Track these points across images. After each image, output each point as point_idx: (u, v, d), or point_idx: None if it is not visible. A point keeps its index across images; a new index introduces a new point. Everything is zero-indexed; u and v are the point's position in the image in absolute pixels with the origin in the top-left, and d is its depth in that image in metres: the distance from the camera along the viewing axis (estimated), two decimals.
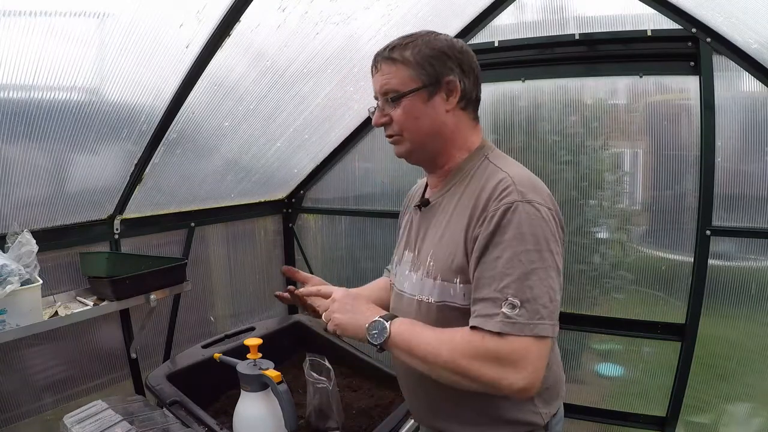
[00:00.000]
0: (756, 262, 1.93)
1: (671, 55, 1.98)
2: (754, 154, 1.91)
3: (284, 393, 1.26)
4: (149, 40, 1.41)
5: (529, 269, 0.89)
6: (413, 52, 1.03)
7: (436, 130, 1.07)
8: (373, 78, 1.10)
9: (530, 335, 0.87)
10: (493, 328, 0.88)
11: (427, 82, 1.03)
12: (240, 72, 1.78)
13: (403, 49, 1.04)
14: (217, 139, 2.03)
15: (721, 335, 2.04)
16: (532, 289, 0.89)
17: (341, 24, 1.80)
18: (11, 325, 1.45)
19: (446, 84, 1.04)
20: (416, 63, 1.03)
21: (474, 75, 1.08)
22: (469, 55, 1.08)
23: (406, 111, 1.05)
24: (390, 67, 1.05)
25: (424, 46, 1.04)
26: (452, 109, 1.06)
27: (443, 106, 1.05)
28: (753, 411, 2.01)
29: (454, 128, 1.08)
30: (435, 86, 1.04)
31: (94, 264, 1.79)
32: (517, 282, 0.89)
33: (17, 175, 1.52)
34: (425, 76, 1.03)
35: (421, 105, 1.05)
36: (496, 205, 0.94)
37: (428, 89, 1.04)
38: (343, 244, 2.78)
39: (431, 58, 1.03)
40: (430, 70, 1.03)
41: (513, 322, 0.88)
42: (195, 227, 2.30)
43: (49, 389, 1.77)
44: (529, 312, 0.88)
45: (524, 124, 2.26)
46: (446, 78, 1.04)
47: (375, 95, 1.11)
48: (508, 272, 0.90)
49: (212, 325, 2.45)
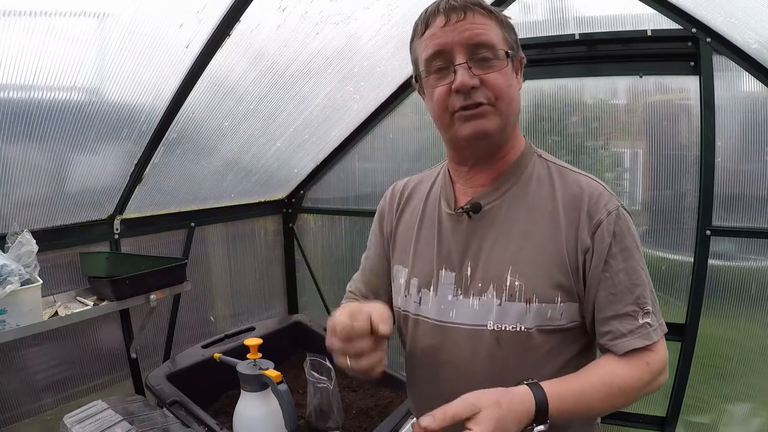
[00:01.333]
0: (756, 262, 1.93)
1: (671, 55, 1.98)
2: (754, 154, 1.91)
3: (284, 393, 1.26)
4: (149, 40, 1.41)
5: (647, 275, 0.88)
6: (500, 18, 0.88)
7: (518, 107, 0.91)
8: (445, 27, 0.84)
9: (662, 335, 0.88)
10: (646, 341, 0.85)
11: (514, 51, 0.88)
12: (240, 72, 1.78)
13: (493, 9, 0.88)
14: (217, 139, 2.03)
15: (721, 335, 2.04)
16: (653, 293, 0.89)
17: (341, 24, 1.79)
18: (11, 325, 1.45)
19: (520, 62, 0.91)
20: (507, 26, 0.88)
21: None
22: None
23: (504, 75, 0.85)
24: (485, 18, 0.85)
25: (507, 20, 0.90)
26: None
27: (518, 83, 0.91)
28: (753, 411, 2.00)
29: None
30: (516, 58, 0.89)
31: (94, 264, 1.79)
32: (645, 290, 0.87)
33: (17, 175, 1.52)
34: (513, 44, 0.88)
35: (512, 73, 0.88)
36: (603, 212, 0.87)
37: (513, 58, 0.88)
38: (343, 244, 2.77)
39: (512, 32, 0.89)
40: (515, 38, 0.89)
41: (655, 329, 0.87)
42: (195, 227, 2.30)
43: (49, 389, 1.77)
44: (656, 315, 0.88)
45: (524, 124, 2.26)
46: (521, 55, 0.91)
47: (443, 51, 0.85)
48: (637, 282, 0.86)
49: (212, 325, 2.45)
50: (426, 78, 0.89)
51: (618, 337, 0.86)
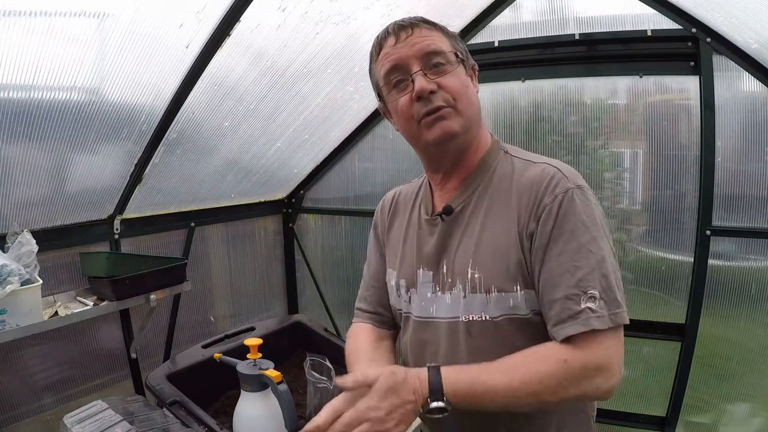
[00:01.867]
0: (756, 262, 1.93)
1: (671, 55, 1.98)
2: (754, 154, 1.91)
3: (284, 393, 1.25)
4: (149, 40, 1.41)
5: (598, 258, 0.83)
6: (444, 30, 0.96)
7: (479, 110, 0.97)
8: (396, 45, 0.92)
9: (613, 326, 0.81)
10: (582, 327, 0.80)
11: (463, 57, 0.95)
12: (240, 72, 1.78)
13: (435, 23, 0.96)
14: (217, 139, 2.03)
15: (721, 335, 2.04)
16: (607, 278, 0.83)
17: (341, 24, 1.79)
18: (11, 325, 1.45)
19: (472, 68, 0.98)
20: (453, 36, 0.96)
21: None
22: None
23: (458, 77, 0.92)
24: (431, 30, 0.93)
25: (446, 29, 0.97)
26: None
27: (474, 87, 0.97)
28: (753, 411, 2.00)
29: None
30: (466, 64, 0.96)
31: (94, 264, 1.79)
32: (592, 273, 0.82)
33: (17, 175, 1.52)
34: (461, 52, 0.95)
35: (467, 77, 0.95)
36: (551, 196, 0.86)
37: (464, 65, 0.95)
38: (343, 244, 2.77)
39: (458, 41, 0.97)
40: (462, 46, 0.96)
41: (598, 316, 0.80)
42: (195, 227, 2.30)
43: (49, 389, 1.77)
44: (608, 302, 0.82)
45: (524, 124, 2.26)
46: (471, 61, 0.98)
47: (399, 65, 0.92)
48: (580, 264, 0.83)
49: (212, 325, 2.45)
50: (388, 95, 0.96)
51: (556, 324, 0.83)
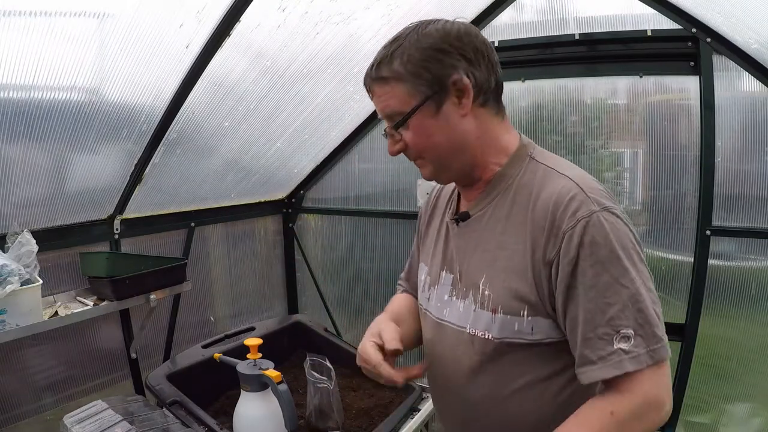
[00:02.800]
0: (756, 262, 1.93)
1: (671, 55, 1.98)
2: (754, 154, 1.91)
3: (284, 393, 1.26)
4: (149, 40, 1.41)
5: (634, 291, 0.76)
6: (402, 61, 0.85)
7: (459, 142, 0.89)
8: (372, 99, 0.92)
9: (653, 364, 0.76)
10: (615, 371, 0.76)
11: (429, 92, 0.85)
12: (240, 72, 1.78)
13: (390, 61, 0.86)
14: (217, 139, 2.03)
15: (721, 335, 2.04)
16: (643, 312, 0.76)
17: (341, 24, 1.79)
18: (11, 325, 1.45)
19: (452, 86, 0.85)
20: (410, 74, 0.85)
21: (486, 59, 0.87)
22: (471, 37, 0.87)
23: (416, 132, 0.88)
24: (383, 87, 0.88)
25: (413, 50, 0.85)
26: (469, 112, 0.87)
27: (457, 113, 0.87)
28: (753, 411, 2.00)
29: (481, 133, 0.90)
30: (441, 93, 0.85)
31: (94, 264, 1.79)
32: (624, 310, 0.76)
33: (17, 175, 1.52)
34: (425, 86, 0.85)
35: (431, 120, 0.87)
36: (571, 221, 0.79)
37: (434, 99, 0.85)
38: (343, 244, 2.77)
39: (425, 62, 0.84)
40: (428, 76, 0.85)
41: (633, 356, 0.75)
42: (195, 227, 2.30)
43: (49, 389, 1.77)
44: (645, 338, 0.76)
45: (524, 124, 2.26)
46: (451, 79, 0.85)
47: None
48: (611, 301, 0.76)
49: (212, 325, 2.45)
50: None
51: (585, 364, 0.79)
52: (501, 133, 0.93)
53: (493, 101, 0.91)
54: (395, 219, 2.60)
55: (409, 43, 0.86)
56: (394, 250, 2.62)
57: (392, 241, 2.62)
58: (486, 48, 0.88)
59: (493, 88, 0.90)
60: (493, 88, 0.90)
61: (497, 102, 0.93)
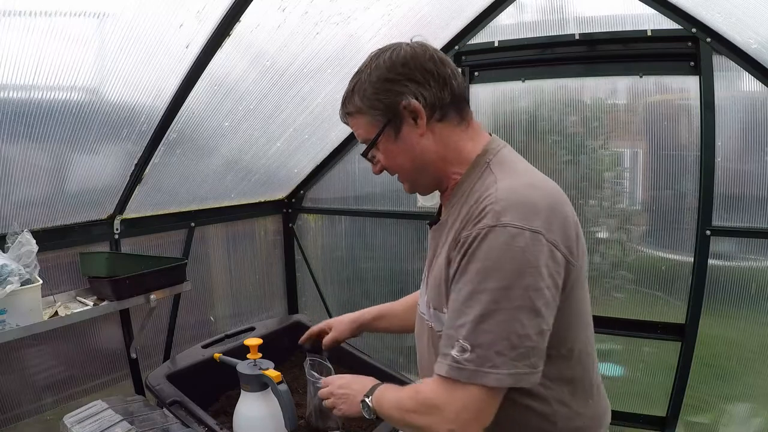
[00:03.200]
0: (756, 262, 1.93)
1: (671, 55, 1.98)
2: (754, 154, 1.91)
3: (284, 393, 1.25)
4: (149, 40, 1.41)
5: (488, 310, 0.79)
6: (360, 95, 0.96)
7: (419, 160, 0.96)
8: None
9: (478, 384, 0.79)
10: (440, 371, 0.83)
11: (385, 119, 0.94)
12: (240, 72, 1.78)
13: (352, 97, 0.97)
14: (217, 139, 2.03)
15: (721, 335, 2.04)
16: (486, 334, 0.78)
17: (341, 24, 1.79)
18: (11, 325, 1.45)
19: (404, 110, 0.92)
20: (368, 107, 0.95)
21: (435, 76, 0.92)
22: (418, 59, 0.92)
23: (385, 155, 0.99)
24: (352, 120, 1.01)
25: (367, 84, 0.94)
26: (427, 130, 0.94)
27: (415, 133, 0.94)
28: (753, 411, 2.00)
29: (440, 148, 0.96)
30: (396, 119, 0.93)
31: (94, 264, 1.79)
32: (471, 323, 0.80)
33: (17, 175, 1.52)
34: (381, 115, 0.94)
35: (393, 144, 0.96)
36: (470, 229, 0.83)
37: (391, 126, 0.94)
38: (343, 244, 2.78)
39: (378, 93, 0.93)
40: (382, 106, 0.93)
41: (459, 368, 0.80)
42: (195, 227, 2.30)
43: (49, 389, 1.77)
44: (479, 358, 0.79)
45: (524, 124, 2.26)
46: (401, 104, 0.92)
47: None
48: (466, 311, 0.81)
49: (212, 325, 2.45)
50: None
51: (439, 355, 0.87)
52: (464, 143, 0.97)
53: (453, 113, 0.95)
54: (395, 219, 2.60)
55: (365, 77, 0.95)
56: (394, 250, 2.63)
57: (392, 241, 2.63)
58: (435, 65, 0.93)
59: (450, 101, 0.94)
60: (450, 101, 0.94)
61: (459, 112, 0.96)
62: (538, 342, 0.80)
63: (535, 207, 0.82)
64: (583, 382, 0.94)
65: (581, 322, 0.93)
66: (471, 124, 0.99)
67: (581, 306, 0.92)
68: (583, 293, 0.93)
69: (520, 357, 0.78)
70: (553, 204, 0.84)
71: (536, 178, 0.92)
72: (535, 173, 0.94)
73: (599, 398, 0.99)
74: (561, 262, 0.82)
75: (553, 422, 0.90)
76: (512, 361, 0.78)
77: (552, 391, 0.89)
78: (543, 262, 0.79)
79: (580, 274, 0.89)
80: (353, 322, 1.45)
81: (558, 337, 0.86)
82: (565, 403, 0.91)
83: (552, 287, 0.81)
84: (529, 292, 0.78)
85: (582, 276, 0.91)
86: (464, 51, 2.27)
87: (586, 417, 0.94)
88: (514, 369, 0.78)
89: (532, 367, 0.80)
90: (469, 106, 1.00)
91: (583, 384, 0.94)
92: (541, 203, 0.83)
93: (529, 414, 0.90)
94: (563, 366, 0.90)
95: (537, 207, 0.82)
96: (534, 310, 0.79)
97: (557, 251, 0.81)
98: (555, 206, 0.84)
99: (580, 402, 0.93)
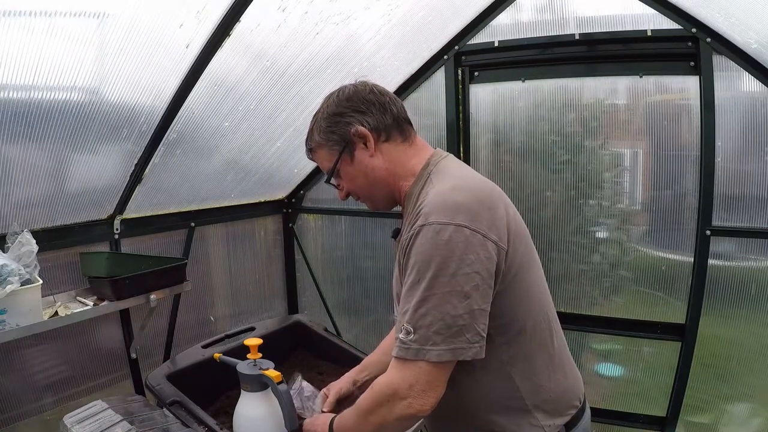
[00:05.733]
0: (756, 262, 1.93)
1: (671, 55, 1.98)
2: (754, 154, 1.91)
3: (284, 393, 1.26)
4: (149, 40, 1.41)
5: (424, 297, 0.92)
6: (318, 132, 1.15)
7: (372, 178, 1.13)
8: None
9: (423, 360, 0.92)
10: (393, 353, 0.96)
11: (340, 147, 1.12)
12: (240, 72, 1.78)
13: (312, 135, 1.17)
14: (217, 139, 2.03)
15: (721, 335, 2.04)
16: (425, 317, 0.92)
17: (341, 24, 1.80)
18: (11, 325, 1.45)
19: (353, 137, 1.10)
20: (325, 139, 1.14)
21: (376, 105, 1.11)
22: (360, 93, 1.12)
23: (346, 179, 1.16)
24: (315, 155, 1.19)
25: (323, 120, 1.13)
26: (376, 151, 1.11)
27: (366, 155, 1.11)
28: (753, 411, 2.00)
29: (389, 164, 1.12)
30: (348, 145, 1.11)
31: (94, 264, 1.79)
32: (412, 309, 0.93)
33: (17, 175, 1.52)
34: (336, 145, 1.12)
35: (350, 166, 1.13)
36: (408, 231, 0.98)
37: (346, 151, 1.12)
38: (343, 244, 2.77)
39: (331, 126, 1.12)
40: (336, 137, 1.12)
41: (407, 348, 0.93)
42: (195, 227, 2.30)
43: (49, 389, 1.78)
44: (422, 338, 0.92)
45: (524, 124, 2.26)
46: (351, 132, 1.10)
47: None
48: (408, 299, 0.95)
49: (212, 325, 2.45)
50: None
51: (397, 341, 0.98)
52: (409, 158, 1.13)
53: (396, 133, 1.12)
54: (395, 219, 2.60)
55: (320, 116, 1.15)
56: (393, 250, 2.62)
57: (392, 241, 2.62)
58: (375, 96, 1.12)
59: (391, 122, 1.11)
60: (391, 122, 1.11)
61: (401, 132, 1.13)
62: (470, 320, 0.92)
63: (457, 205, 0.94)
64: (543, 357, 1.06)
65: (531, 300, 1.04)
66: (414, 141, 1.15)
67: (531, 287, 1.04)
68: (530, 275, 1.04)
69: (456, 334, 0.91)
70: (478, 201, 0.97)
71: (467, 181, 1.04)
72: (468, 178, 1.07)
73: (566, 372, 1.10)
74: (492, 249, 0.94)
75: (520, 397, 1.02)
76: (449, 338, 0.91)
77: (514, 368, 1.02)
78: (470, 250, 0.92)
79: (525, 259, 1.02)
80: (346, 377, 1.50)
81: (509, 316, 0.99)
82: (527, 377, 1.02)
83: (482, 271, 0.92)
84: (457, 278, 0.91)
85: (528, 260, 1.04)
86: (464, 51, 2.27)
87: (552, 390, 1.05)
88: (452, 345, 0.91)
89: (469, 342, 0.92)
90: (412, 126, 1.16)
91: (544, 359, 1.06)
92: (464, 201, 0.95)
93: (497, 391, 1.03)
94: (519, 343, 1.02)
95: (459, 205, 0.94)
96: (463, 293, 0.91)
97: (487, 240, 0.93)
98: (481, 202, 0.97)
99: (543, 376, 1.04)
